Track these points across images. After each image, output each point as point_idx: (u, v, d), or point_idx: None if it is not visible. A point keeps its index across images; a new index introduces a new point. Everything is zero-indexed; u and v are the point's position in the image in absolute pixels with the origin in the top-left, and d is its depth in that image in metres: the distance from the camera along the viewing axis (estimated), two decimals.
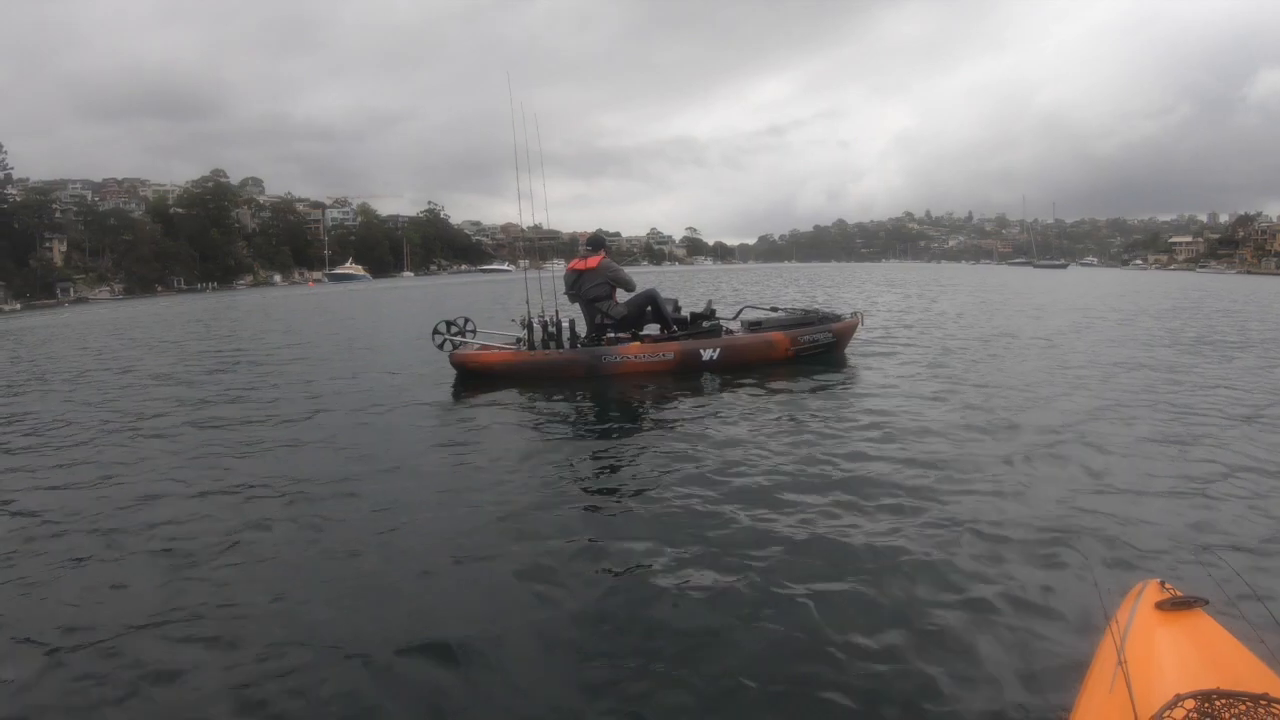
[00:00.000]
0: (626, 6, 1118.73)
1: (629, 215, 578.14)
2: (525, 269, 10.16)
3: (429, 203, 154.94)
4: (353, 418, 7.00)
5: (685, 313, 9.20)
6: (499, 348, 8.77)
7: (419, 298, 35.11)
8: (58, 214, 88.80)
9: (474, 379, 8.51)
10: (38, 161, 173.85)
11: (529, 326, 8.64)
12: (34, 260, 78.95)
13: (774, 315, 9.62)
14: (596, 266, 8.69)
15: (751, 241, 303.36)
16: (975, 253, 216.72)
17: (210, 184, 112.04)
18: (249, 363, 11.77)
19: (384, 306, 28.15)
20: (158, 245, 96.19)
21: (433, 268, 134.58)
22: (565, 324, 8.60)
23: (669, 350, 8.48)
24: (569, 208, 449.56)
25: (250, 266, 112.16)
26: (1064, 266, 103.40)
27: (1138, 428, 5.95)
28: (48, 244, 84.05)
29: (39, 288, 76.78)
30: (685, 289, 28.67)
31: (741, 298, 22.07)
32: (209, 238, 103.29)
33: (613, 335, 8.82)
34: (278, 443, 6.15)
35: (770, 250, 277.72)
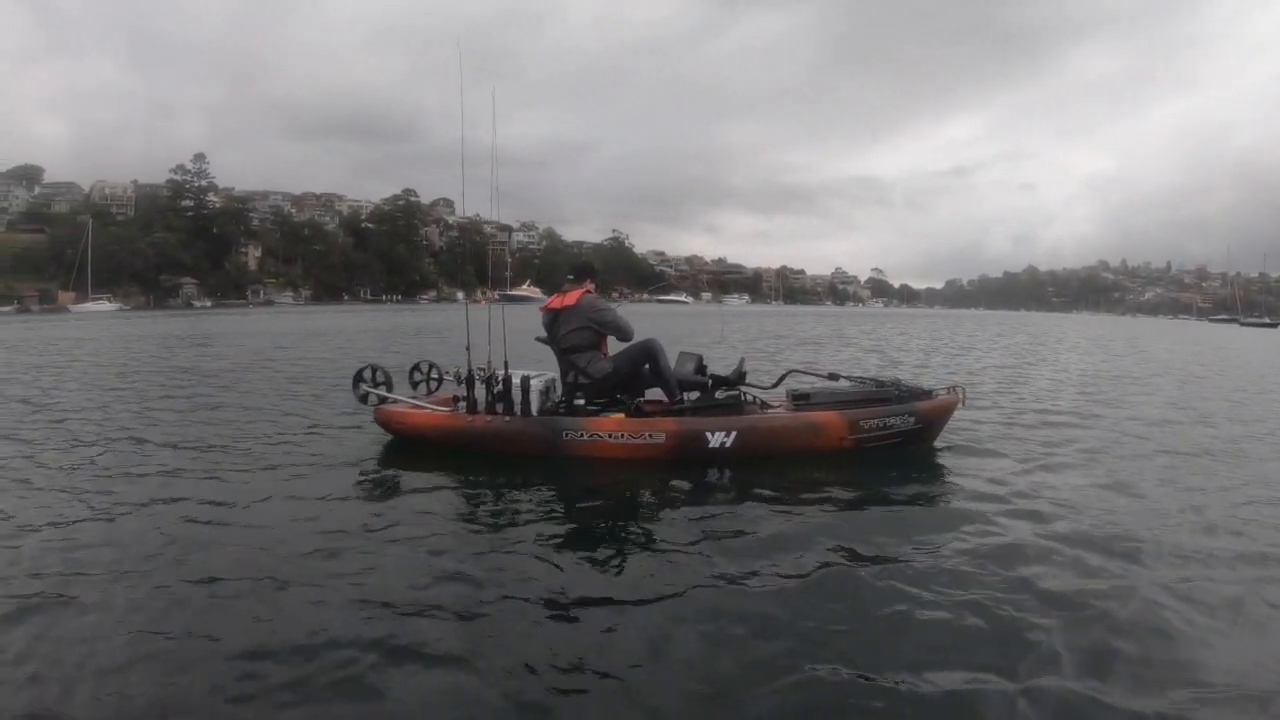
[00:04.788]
0: (815, 44, 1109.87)
1: (812, 253, 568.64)
2: (467, 299, 7.81)
3: (613, 230, 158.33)
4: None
5: (709, 375, 6.57)
6: (430, 408, 6.45)
7: None
8: (255, 222, 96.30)
9: (405, 443, 6.44)
10: (244, 174, 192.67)
11: (469, 382, 6.26)
12: (228, 263, 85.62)
13: (830, 386, 6.78)
14: (575, 305, 6.22)
15: (938, 286, 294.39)
16: (1172, 307, 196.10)
17: (401, 202, 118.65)
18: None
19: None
20: (347, 256, 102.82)
21: (614, 295, 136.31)
22: (517, 382, 6.14)
23: (659, 430, 5.85)
24: (751, 243, 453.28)
25: (434, 282, 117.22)
26: (1274, 326, 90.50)
27: None
28: (243, 249, 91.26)
29: (231, 288, 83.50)
30: (811, 333, 25.21)
31: (895, 346, 17.81)
32: (397, 253, 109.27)
33: (586, 402, 6.32)
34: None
35: (958, 295, 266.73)
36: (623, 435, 5.89)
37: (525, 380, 6.14)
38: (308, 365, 13.87)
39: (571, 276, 6.50)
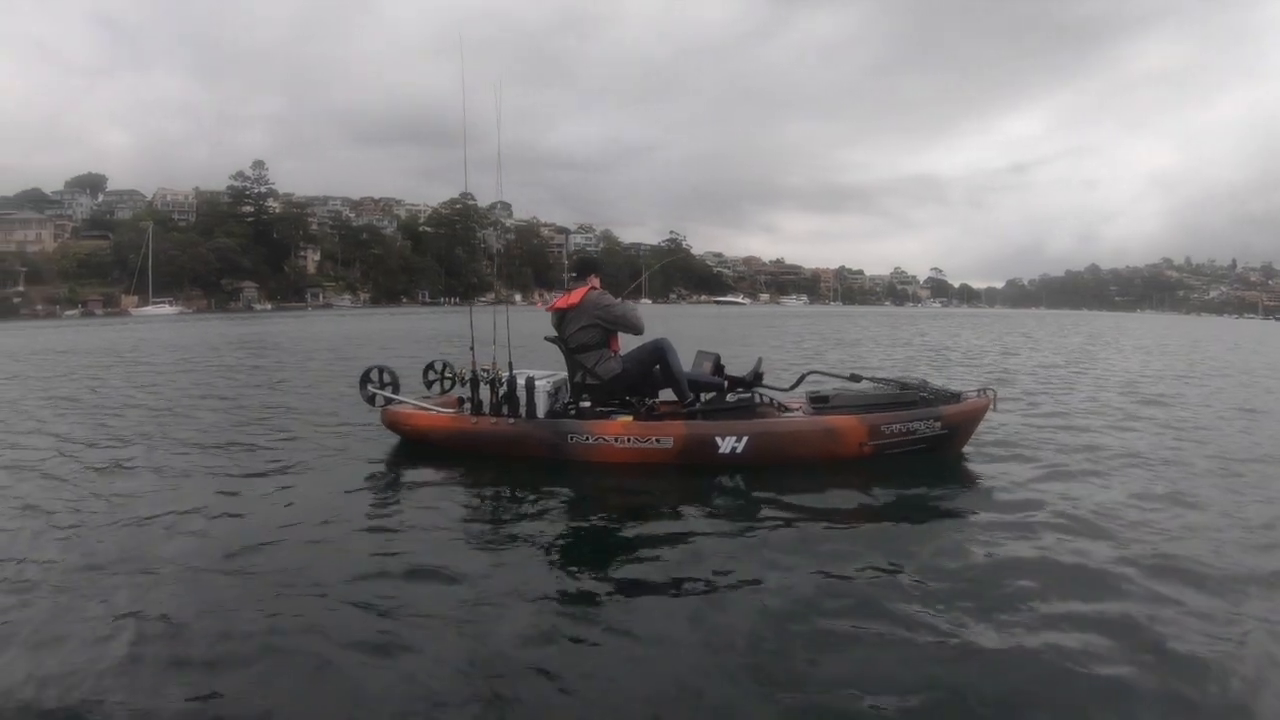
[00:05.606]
0: (871, 42, 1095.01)
1: (870, 253, 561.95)
2: (472, 304, 7.66)
3: (671, 232, 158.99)
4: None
5: (724, 376, 6.36)
6: (436, 409, 6.35)
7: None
8: (314, 226, 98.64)
9: (413, 445, 6.36)
10: (305, 180, 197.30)
11: (473, 383, 6.15)
12: (288, 266, 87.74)
13: (851, 387, 6.39)
14: (579, 303, 6.04)
15: (999, 285, 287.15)
16: (1238, 305, 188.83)
17: (459, 205, 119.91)
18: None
19: None
20: (405, 260, 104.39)
21: (671, 296, 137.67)
22: (522, 383, 6.00)
23: (667, 434, 5.65)
24: (809, 243, 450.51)
25: (492, 285, 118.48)
26: None
27: None
28: (302, 253, 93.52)
29: (290, 291, 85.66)
30: (836, 335, 24.56)
31: (944, 343, 16.95)
32: (454, 255, 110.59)
33: (594, 404, 6.13)
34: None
35: (1020, 295, 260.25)
36: (629, 439, 5.70)
37: (530, 381, 6.00)
38: (346, 365, 13.98)
39: (574, 274, 6.33)
